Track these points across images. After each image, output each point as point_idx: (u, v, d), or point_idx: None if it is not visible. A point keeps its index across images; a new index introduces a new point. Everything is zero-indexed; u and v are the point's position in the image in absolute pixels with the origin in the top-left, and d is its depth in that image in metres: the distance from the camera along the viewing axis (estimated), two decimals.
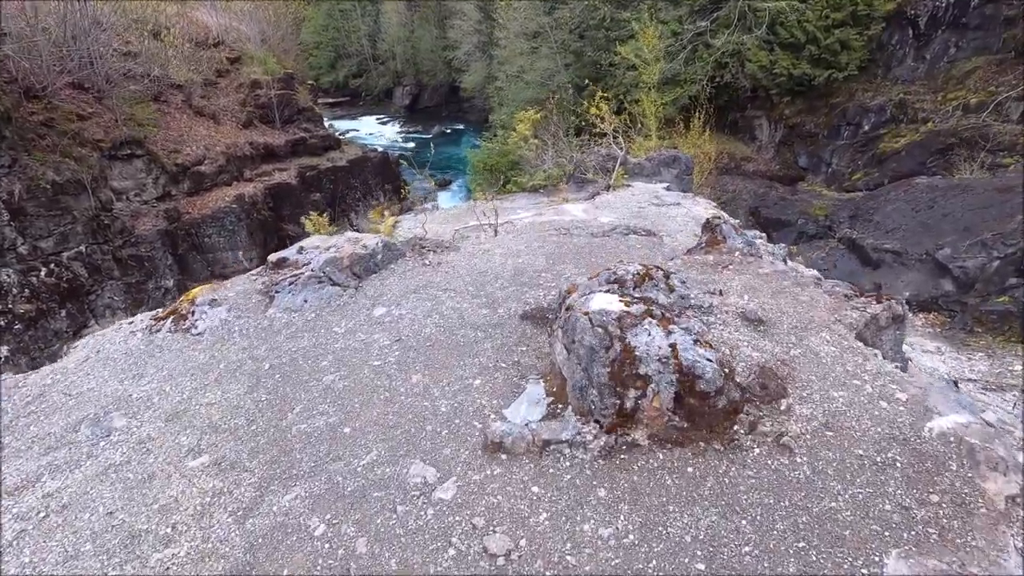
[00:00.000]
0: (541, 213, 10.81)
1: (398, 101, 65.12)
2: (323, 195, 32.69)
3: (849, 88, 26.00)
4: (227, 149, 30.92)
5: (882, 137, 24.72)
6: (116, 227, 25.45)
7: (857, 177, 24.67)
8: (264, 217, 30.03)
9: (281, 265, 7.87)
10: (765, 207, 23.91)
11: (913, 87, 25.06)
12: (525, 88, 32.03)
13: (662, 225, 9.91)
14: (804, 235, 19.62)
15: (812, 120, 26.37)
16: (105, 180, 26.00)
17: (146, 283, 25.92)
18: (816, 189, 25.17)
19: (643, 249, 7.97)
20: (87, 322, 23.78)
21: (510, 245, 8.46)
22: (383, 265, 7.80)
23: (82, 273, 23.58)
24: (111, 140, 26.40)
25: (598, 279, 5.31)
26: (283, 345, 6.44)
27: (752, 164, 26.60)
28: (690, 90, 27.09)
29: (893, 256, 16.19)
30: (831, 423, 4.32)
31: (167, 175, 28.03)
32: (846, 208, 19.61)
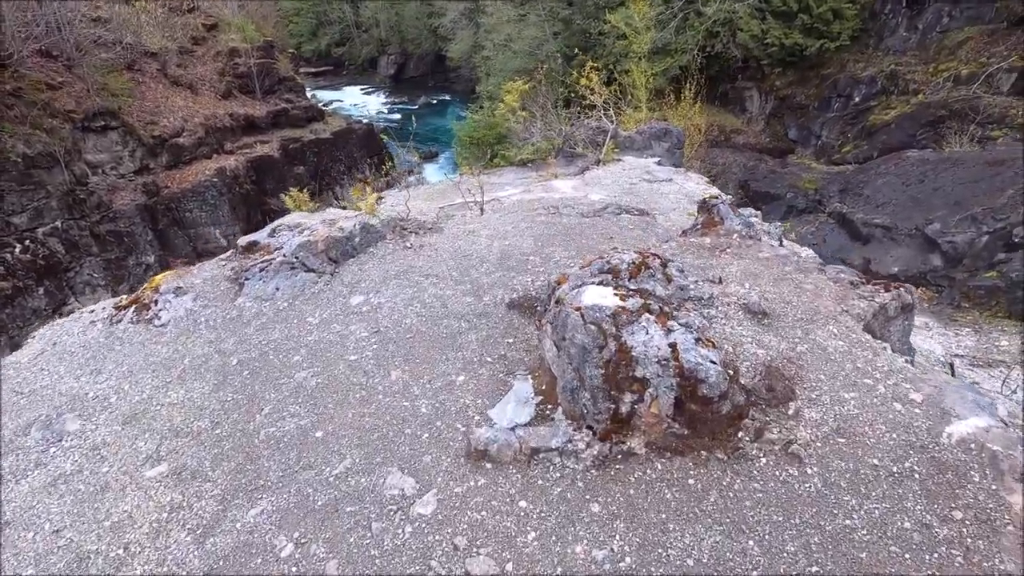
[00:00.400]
0: (529, 190, 10.27)
1: (383, 71, 63.20)
2: (307, 168, 31.73)
3: (840, 59, 25.35)
4: (206, 120, 29.79)
5: (872, 109, 24.21)
6: (92, 202, 24.53)
7: (847, 150, 24.22)
8: (247, 191, 29.11)
9: (251, 249, 7.31)
10: (755, 180, 23.45)
11: (905, 58, 24.48)
12: (513, 57, 31.00)
13: (655, 203, 9.42)
14: (794, 209, 19.24)
15: (803, 92, 25.76)
16: (79, 153, 24.95)
17: (126, 259, 25.12)
18: (805, 162, 24.71)
19: (636, 230, 7.51)
20: (66, 299, 23.05)
21: (496, 225, 7.95)
22: (361, 249, 7.26)
23: (59, 249, 22.76)
24: (83, 111, 25.26)
25: (590, 268, 4.85)
26: (252, 338, 5.94)
27: (742, 137, 26.04)
28: (680, 60, 26.32)
29: (883, 231, 15.87)
30: (843, 429, 3.94)
31: (144, 148, 26.98)
32: (836, 182, 19.21)
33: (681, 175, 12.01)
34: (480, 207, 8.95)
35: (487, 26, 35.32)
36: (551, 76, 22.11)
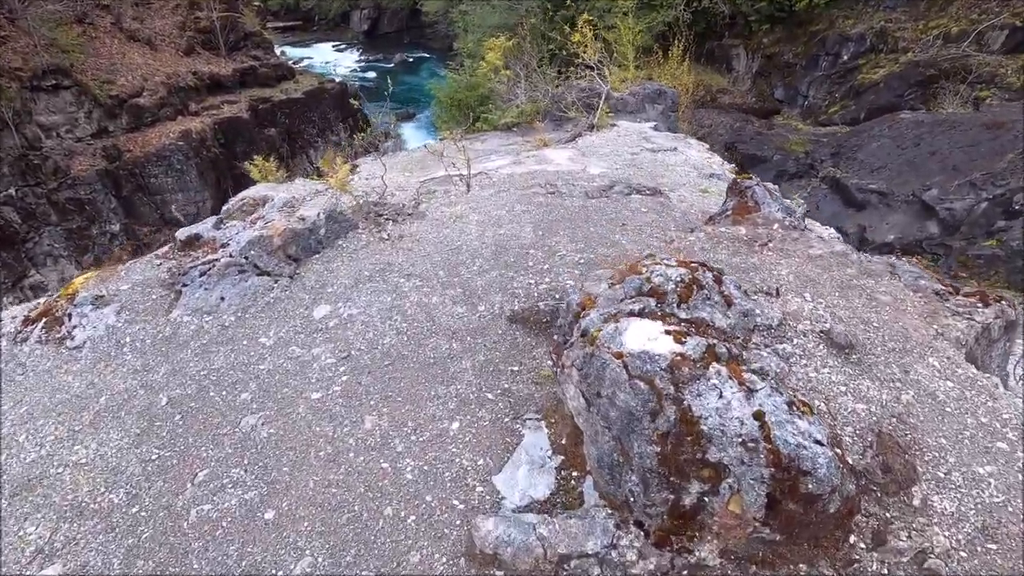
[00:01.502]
0: (520, 161, 8.81)
1: (355, 26, 59.06)
2: (278, 130, 29.30)
3: (829, 15, 23.71)
4: (168, 79, 27.10)
5: (860, 68, 22.79)
6: (48, 167, 22.24)
7: (834, 110, 22.89)
8: (215, 155, 26.79)
9: (193, 245, 5.81)
10: (741, 142, 22.05)
11: (895, 14, 22.96)
12: (492, 13, 28.59)
13: (661, 177, 8.05)
14: (785, 173, 18.04)
15: (790, 50, 24.15)
16: (29, 115, 22.46)
17: (89, 228, 23.01)
18: (792, 123, 23.33)
19: (650, 214, 6.17)
20: (26, 271, 21.11)
21: (487, 208, 6.54)
22: (328, 242, 5.80)
23: (14, 219, 20.65)
24: (31, 69, 22.60)
25: (623, 287, 3.54)
26: (189, 366, 4.54)
27: (728, 96, 24.46)
28: (666, 16, 24.38)
29: (878, 197, 14.78)
30: (989, 528, 2.76)
31: (101, 109, 24.43)
32: (828, 145, 17.99)
33: (681, 142, 10.61)
34: (466, 183, 7.49)
35: None
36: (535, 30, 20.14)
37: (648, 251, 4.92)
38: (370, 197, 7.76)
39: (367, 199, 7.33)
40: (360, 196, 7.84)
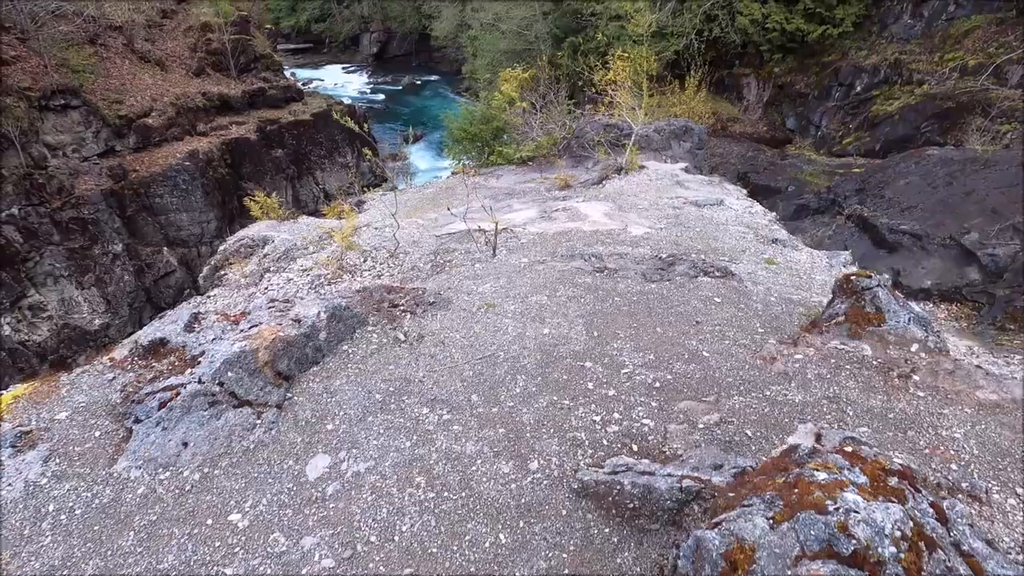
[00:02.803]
0: (548, 214, 7.37)
1: (365, 49, 57.67)
2: (285, 152, 27.83)
3: (842, 46, 22.38)
4: (177, 100, 25.69)
5: (874, 99, 21.46)
6: (53, 186, 20.81)
7: (848, 141, 21.53)
8: (221, 175, 25.35)
9: (156, 353, 4.30)
10: (754, 172, 20.67)
11: (909, 46, 21.64)
12: (501, 38, 27.26)
13: (714, 239, 6.62)
14: (806, 208, 16.61)
15: (802, 79, 22.80)
16: (36, 134, 21.06)
17: (91, 248, 21.53)
18: (805, 153, 21.97)
19: (727, 306, 4.74)
20: (25, 291, 19.61)
21: (523, 290, 5.06)
22: (330, 348, 4.31)
23: (16, 238, 19.18)
24: (41, 88, 21.25)
25: (797, 531, 2.07)
26: (127, 564, 3.05)
27: (739, 125, 23.11)
28: (677, 44, 23.05)
29: (912, 239, 13.38)
30: None
31: (109, 128, 23.03)
32: (852, 180, 16.59)
33: (717, 187, 9.17)
34: (493, 247, 6.03)
35: (474, 4, 31.27)
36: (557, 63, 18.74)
37: (744, 377, 3.46)
38: (379, 255, 6.32)
39: (376, 264, 5.90)
40: (368, 252, 6.40)
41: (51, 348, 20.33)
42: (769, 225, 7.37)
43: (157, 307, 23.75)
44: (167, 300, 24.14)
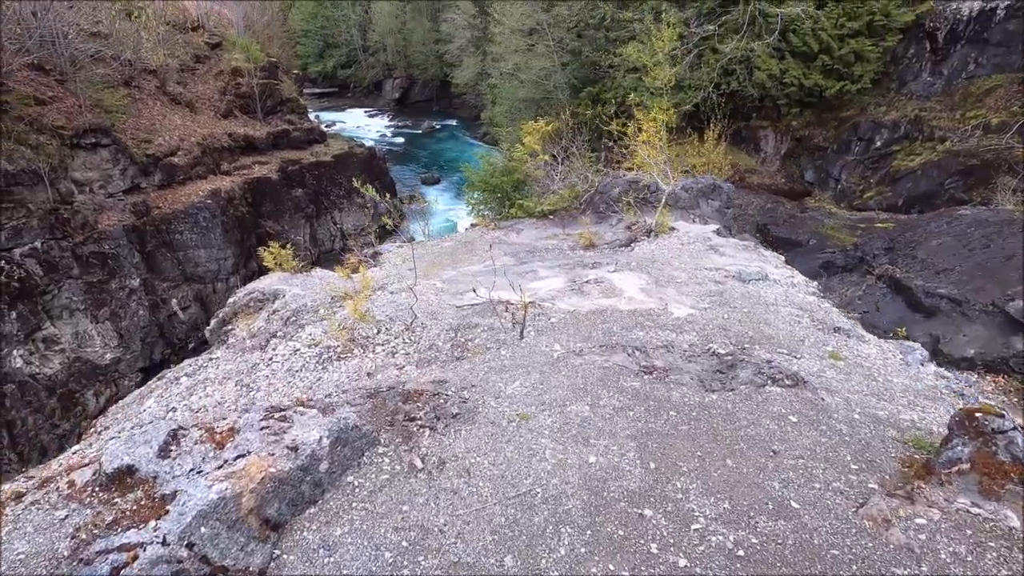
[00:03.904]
0: (579, 286, 6.55)
1: (387, 94, 58.69)
2: (305, 191, 27.66)
3: (861, 101, 21.88)
4: (203, 140, 25.75)
5: (895, 154, 20.78)
6: (77, 221, 20.57)
7: (869, 196, 20.74)
8: (241, 214, 25.11)
9: (122, 484, 3.39)
10: (774, 225, 19.88)
11: (929, 103, 21.07)
12: (520, 87, 27.20)
13: (766, 325, 5.72)
14: (832, 266, 15.69)
15: (820, 133, 22.24)
16: (65, 170, 20.96)
17: (108, 282, 21.10)
18: (825, 206, 21.19)
19: (806, 429, 3.80)
20: (40, 324, 19.04)
21: (560, 394, 4.18)
22: (332, 480, 3.42)
23: (36, 271, 18.76)
24: (74, 127, 21.31)
25: None
26: None
27: (757, 177, 22.49)
28: (694, 97, 22.69)
29: (950, 304, 12.38)
30: None
31: (136, 166, 22.98)
32: (880, 237, 15.72)
33: (754, 252, 8.33)
34: (520, 329, 5.19)
35: (494, 54, 31.49)
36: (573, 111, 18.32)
37: (854, 550, 2.49)
38: (394, 327, 5.49)
39: (391, 338, 5.06)
40: (383, 323, 5.58)
41: (61, 382, 19.62)
42: (819, 303, 6.46)
43: (169, 342, 23.11)
44: (179, 336, 23.51)
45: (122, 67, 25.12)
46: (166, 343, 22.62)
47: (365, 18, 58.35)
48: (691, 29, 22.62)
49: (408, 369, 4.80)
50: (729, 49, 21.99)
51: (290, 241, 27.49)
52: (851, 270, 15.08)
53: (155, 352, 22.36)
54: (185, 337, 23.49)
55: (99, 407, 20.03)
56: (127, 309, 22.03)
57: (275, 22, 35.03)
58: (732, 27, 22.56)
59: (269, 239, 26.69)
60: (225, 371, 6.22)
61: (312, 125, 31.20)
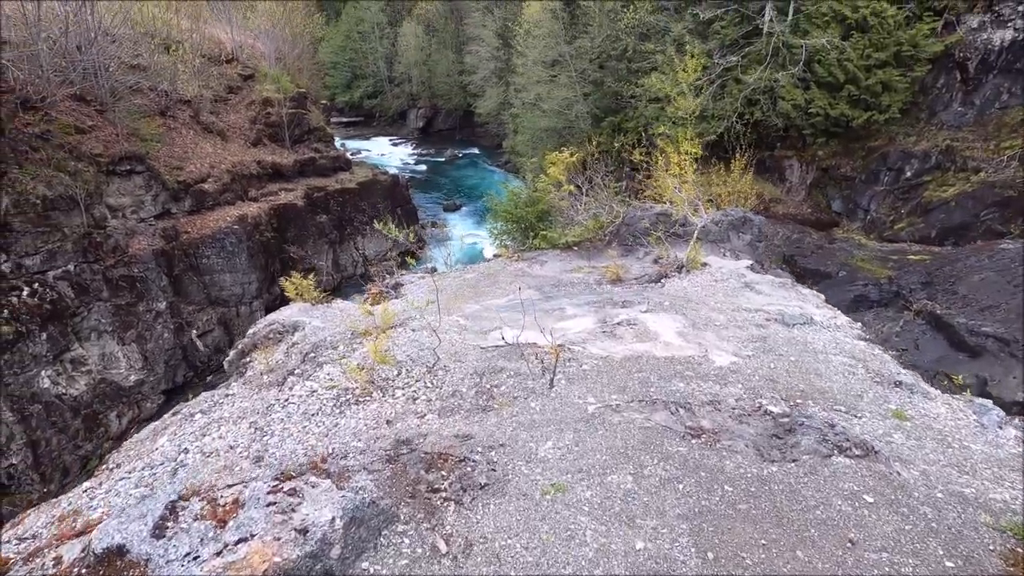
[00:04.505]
0: (610, 328, 6.13)
1: (412, 123, 59.70)
2: (330, 217, 27.85)
3: (889, 131, 21.29)
4: (233, 167, 26.18)
5: (926, 185, 20.07)
6: (109, 245, 20.88)
7: (900, 227, 19.99)
8: (267, 239, 25.32)
9: (112, 565, 3.02)
10: (801, 256, 19.22)
11: (961, 133, 20.40)
12: (542, 116, 27.22)
13: (817, 377, 5.19)
14: (865, 300, 14.99)
15: (847, 163, 21.65)
16: (100, 196, 21.37)
17: (136, 305, 21.27)
18: (854, 237, 20.48)
19: (887, 514, 3.29)
20: (69, 345, 19.15)
21: (596, 457, 3.72)
22: (346, 567, 2.99)
23: (68, 293, 18.97)
24: (110, 155, 21.79)
25: None
26: None
27: (782, 206, 21.92)
28: (718, 126, 22.37)
29: (998, 344, 11.62)
30: None
31: (167, 192, 23.39)
32: (916, 271, 15.02)
33: (791, 291, 7.82)
34: (550, 378, 4.79)
35: (517, 85, 31.71)
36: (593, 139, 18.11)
37: None
38: (415, 370, 5.13)
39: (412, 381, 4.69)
40: (403, 364, 5.22)
41: (85, 403, 19.65)
42: (871, 351, 5.90)
43: (192, 365, 23.11)
44: (202, 359, 23.50)
45: (159, 97, 25.79)
46: (189, 366, 22.64)
47: (392, 50, 59.79)
48: (714, 60, 22.44)
49: (430, 418, 4.42)
50: (753, 80, 21.71)
51: (313, 266, 27.67)
52: (886, 305, 14.36)
53: (178, 375, 22.38)
54: (208, 360, 23.50)
55: (121, 429, 19.96)
56: (152, 332, 22.15)
57: (305, 54, 35.92)
58: (755, 58, 22.33)
59: (293, 264, 26.87)
60: (240, 409, 5.90)
61: (338, 153, 31.61)
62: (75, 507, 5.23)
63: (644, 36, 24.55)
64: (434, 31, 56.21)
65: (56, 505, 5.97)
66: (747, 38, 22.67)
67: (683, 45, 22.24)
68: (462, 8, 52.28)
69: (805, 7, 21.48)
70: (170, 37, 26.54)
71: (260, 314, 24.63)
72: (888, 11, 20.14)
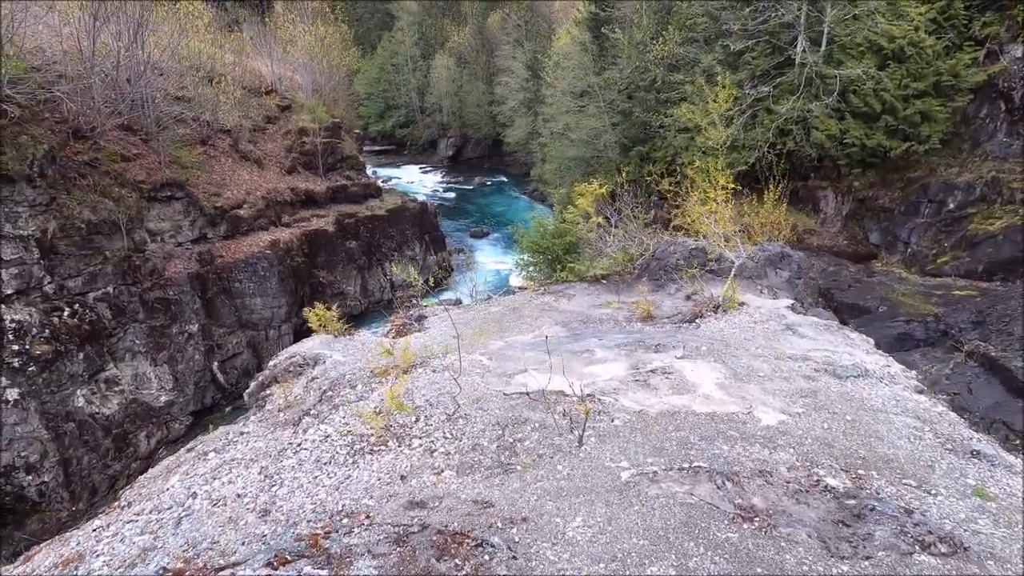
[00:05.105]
0: (643, 376, 5.66)
1: (442, 152, 60.72)
2: (359, 243, 28.06)
3: (930, 162, 20.41)
4: (268, 194, 26.72)
5: (971, 217, 19.04)
6: (147, 268, 21.32)
7: (944, 260, 18.95)
8: (297, 264, 25.59)
9: None
10: (838, 289, 18.34)
11: (1007, 164, 19.39)
12: (570, 146, 27.12)
13: (877, 440, 4.56)
14: (910, 338, 14.06)
15: (885, 194, 20.78)
16: (141, 221, 21.94)
17: (170, 327, 21.56)
18: (894, 270, 19.49)
19: None
20: (104, 365, 19.43)
21: (633, 542, 3.19)
22: None
23: (106, 315, 19.32)
24: (152, 182, 22.45)
25: None
26: None
27: (816, 238, 21.11)
28: (749, 156, 21.83)
29: None
30: None
31: (205, 217, 23.91)
32: (965, 309, 14.06)
33: (838, 335, 7.21)
34: (580, 435, 4.36)
35: (545, 115, 31.83)
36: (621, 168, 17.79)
37: None
38: (434, 415, 4.77)
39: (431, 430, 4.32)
40: (422, 409, 4.86)
41: (117, 422, 19.80)
42: (935, 409, 5.24)
43: (220, 387, 23.21)
44: (231, 380, 23.61)
45: (200, 127, 26.58)
46: (217, 387, 22.75)
47: (424, 82, 61.26)
48: (745, 91, 22.04)
49: (447, 476, 4.03)
50: (785, 110, 21.19)
51: (341, 291, 27.81)
52: (934, 344, 13.42)
53: (206, 396, 22.47)
54: (236, 382, 23.61)
55: (149, 449, 20.01)
56: (184, 353, 22.38)
57: (341, 86, 36.92)
58: (787, 88, 21.84)
59: (322, 289, 27.03)
60: (253, 450, 5.62)
61: (369, 181, 32.06)
62: (81, 550, 5.00)
63: (673, 67, 24.37)
64: (465, 63, 57.44)
65: (66, 543, 5.76)
66: (779, 68, 22.24)
67: (713, 76, 21.94)
68: (493, 41, 53.37)
69: (839, 38, 20.99)
70: (214, 70, 27.53)
71: (288, 338, 24.73)
72: (926, 41, 19.50)
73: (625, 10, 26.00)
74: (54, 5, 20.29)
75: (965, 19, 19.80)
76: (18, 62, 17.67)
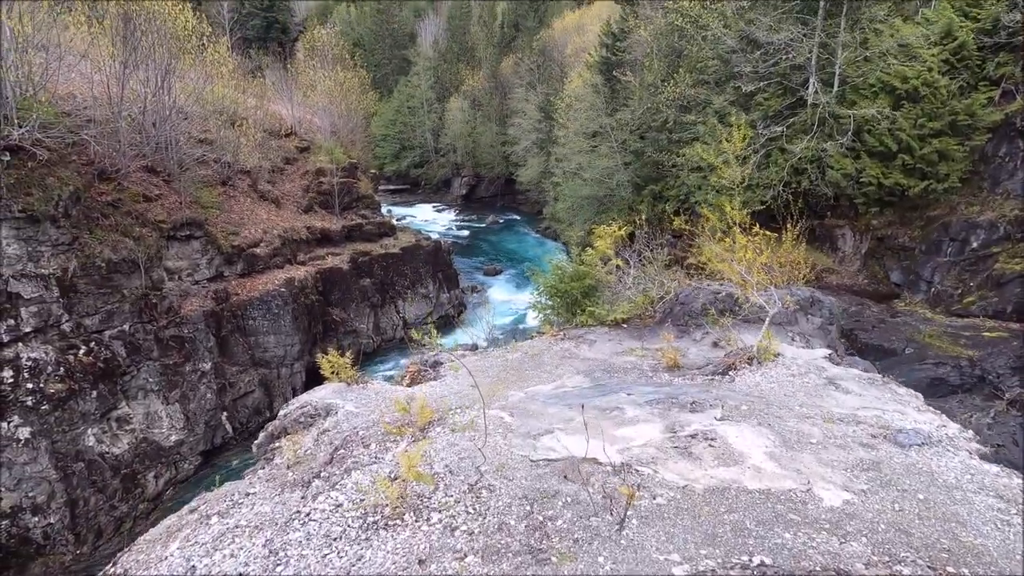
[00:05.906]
0: (682, 442, 5.13)
1: (455, 191, 61.44)
2: (373, 281, 27.90)
3: (949, 200, 19.94)
4: (284, 232, 26.80)
5: (996, 256, 18.41)
6: (163, 307, 21.14)
7: (970, 300, 18.24)
8: (311, 302, 25.39)
9: None
10: (862, 330, 17.65)
11: None
12: (583, 185, 27.08)
13: (963, 529, 3.93)
14: (944, 384, 13.31)
15: (905, 233, 20.27)
16: (160, 259, 21.92)
17: (183, 365, 21.21)
18: (918, 310, 18.79)
19: None
20: (116, 404, 19.05)
21: None
22: None
23: (121, 353, 19.04)
24: (172, 221, 22.55)
25: None
26: None
27: (835, 277, 20.53)
28: (763, 195, 21.52)
29: None
30: None
31: (222, 256, 23.90)
32: (1003, 354, 13.34)
33: (883, 390, 6.64)
34: (620, 519, 3.85)
35: (558, 155, 32.02)
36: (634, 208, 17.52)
37: None
38: (455, 484, 4.28)
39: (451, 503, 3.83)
40: (441, 477, 4.37)
41: (126, 462, 19.27)
42: (1010, 481, 4.66)
43: (232, 426, 22.68)
44: (241, 419, 23.12)
45: (221, 168, 26.89)
46: (228, 426, 22.24)
47: (438, 123, 62.55)
48: (758, 131, 21.93)
49: (471, 563, 3.53)
50: (799, 149, 20.98)
51: (355, 329, 27.49)
52: (971, 391, 12.65)
53: (216, 436, 21.95)
54: (247, 421, 23.10)
55: (157, 490, 19.39)
56: (196, 391, 21.99)
57: (358, 128, 37.62)
58: (801, 128, 21.70)
59: (335, 327, 26.73)
60: (259, 515, 5.14)
61: (384, 219, 32.18)
62: None
63: (685, 108, 24.43)
64: (479, 105, 58.67)
65: None
66: (791, 108, 22.16)
67: (726, 116, 21.89)
68: (506, 84, 54.57)
69: (851, 79, 20.94)
70: (236, 114, 28.12)
71: (300, 376, 24.30)
72: (940, 81, 19.35)
73: (636, 54, 26.32)
74: (87, 52, 20.89)
75: (979, 60, 19.67)
76: (49, 108, 18.03)
